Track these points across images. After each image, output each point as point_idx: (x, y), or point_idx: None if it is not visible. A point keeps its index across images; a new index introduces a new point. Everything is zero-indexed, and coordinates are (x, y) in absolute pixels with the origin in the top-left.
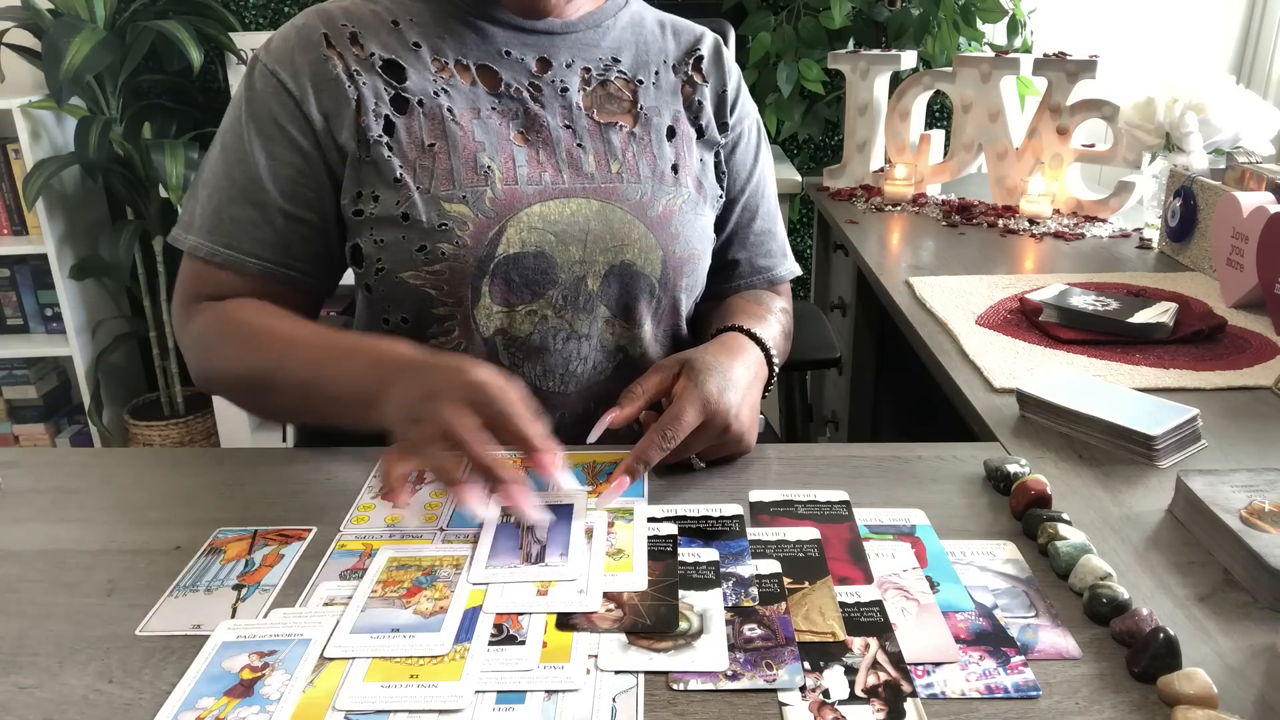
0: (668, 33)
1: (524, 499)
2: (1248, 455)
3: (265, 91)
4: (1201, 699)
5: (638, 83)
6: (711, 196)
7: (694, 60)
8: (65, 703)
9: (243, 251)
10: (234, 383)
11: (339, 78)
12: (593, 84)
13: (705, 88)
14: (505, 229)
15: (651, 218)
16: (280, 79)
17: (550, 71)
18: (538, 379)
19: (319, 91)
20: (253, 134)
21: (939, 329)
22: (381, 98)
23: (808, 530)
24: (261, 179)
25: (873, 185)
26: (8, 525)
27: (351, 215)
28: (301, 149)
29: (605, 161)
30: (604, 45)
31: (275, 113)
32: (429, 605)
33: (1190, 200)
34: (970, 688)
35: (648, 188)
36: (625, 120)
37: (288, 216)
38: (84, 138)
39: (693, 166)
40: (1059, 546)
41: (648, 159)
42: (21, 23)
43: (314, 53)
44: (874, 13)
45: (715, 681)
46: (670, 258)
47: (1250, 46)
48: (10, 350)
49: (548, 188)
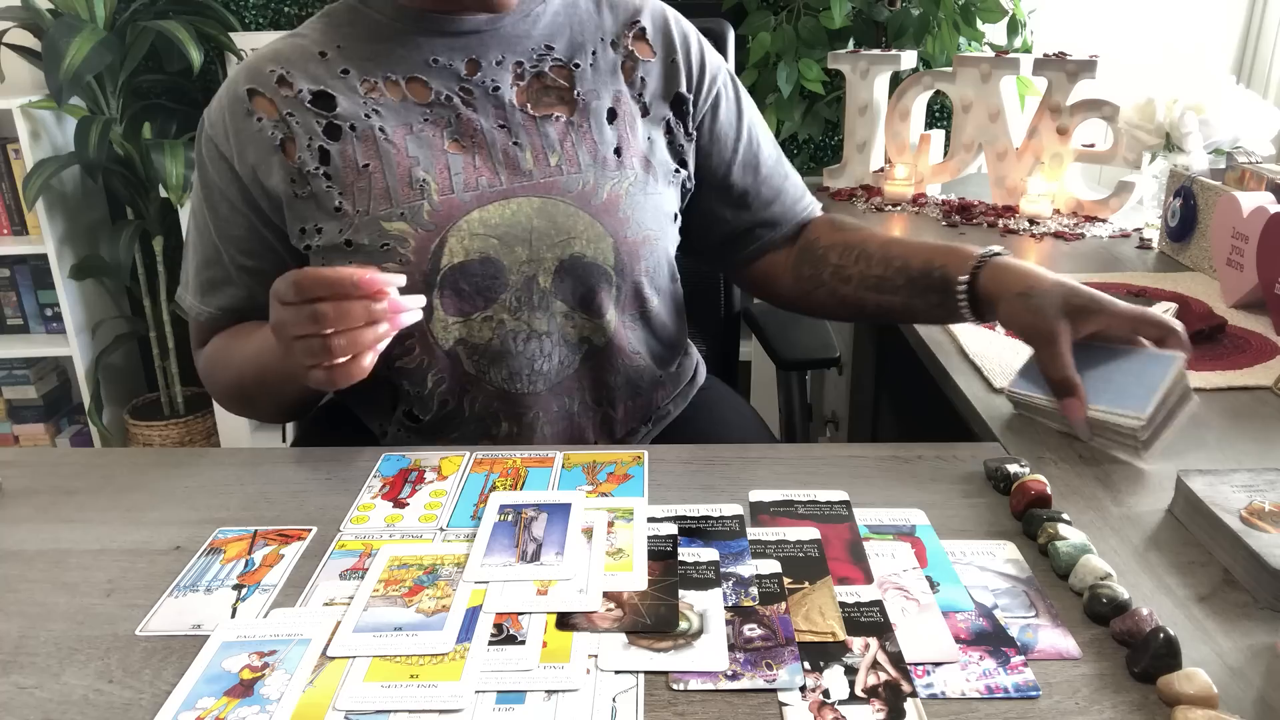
0: (604, 9)
1: (396, 301)
2: (1248, 455)
3: (207, 158)
4: (1201, 699)
5: (574, 67)
6: (663, 173)
7: (635, 33)
8: (65, 703)
9: (219, 308)
10: (231, 400)
11: (263, 127)
12: (526, 77)
13: (651, 62)
14: (447, 240)
15: (596, 206)
16: (215, 144)
17: (480, 72)
18: (505, 382)
19: (243, 147)
20: (203, 201)
21: (939, 329)
22: (314, 131)
23: (808, 530)
24: (216, 241)
25: (873, 185)
26: (8, 525)
27: (302, 250)
28: (239, 209)
29: (543, 156)
30: (535, 35)
31: (215, 178)
32: (431, 604)
33: (1190, 200)
34: (970, 688)
35: (589, 176)
36: (561, 110)
37: (245, 270)
38: (84, 138)
39: (638, 146)
40: (1059, 546)
41: (587, 146)
42: (21, 23)
43: (238, 109)
44: (874, 13)
45: (715, 681)
46: (622, 243)
47: (1250, 46)
48: (10, 350)
49: (485, 192)
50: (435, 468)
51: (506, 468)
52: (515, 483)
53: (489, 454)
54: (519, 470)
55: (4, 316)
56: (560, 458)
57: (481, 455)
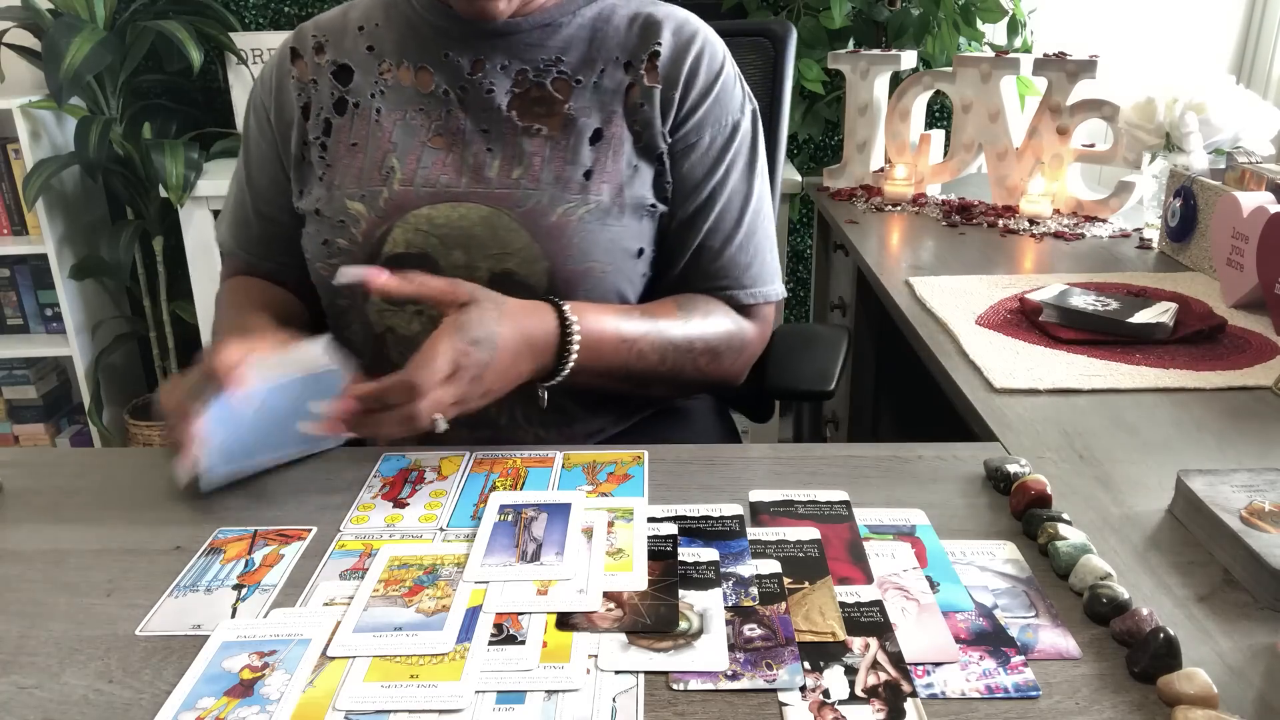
0: (635, 28)
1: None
2: (1248, 455)
3: (252, 106)
4: (1201, 699)
5: (575, 83)
6: (635, 207)
7: (649, 55)
8: (65, 703)
9: (235, 246)
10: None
11: (293, 89)
12: (526, 85)
13: (655, 89)
14: (393, 229)
15: (543, 227)
16: (260, 95)
17: (481, 73)
18: None
19: (280, 104)
20: (243, 144)
21: (939, 329)
22: (325, 102)
23: (808, 530)
24: (244, 185)
25: (873, 185)
26: (8, 525)
27: (299, 211)
28: (267, 158)
29: (509, 166)
30: (550, 45)
31: (253, 126)
32: (431, 604)
33: (1190, 200)
34: (970, 688)
35: (544, 196)
36: (548, 124)
37: (262, 216)
38: (84, 138)
39: (615, 173)
40: (1059, 546)
41: (557, 165)
42: (21, 23)
43: (283, 66)
44: (874, 13)
45: (715, 681)
46: (559, 270)
47: (1250, 46)
48: (10, 350)
49: (441, 191)
50: (435, 468)
51: (506, 468)
52: (515, 483)
53: (489, 454)
54: (519, 470)
55: (4, 316)
56: (560, 458)
57: (481, 455)
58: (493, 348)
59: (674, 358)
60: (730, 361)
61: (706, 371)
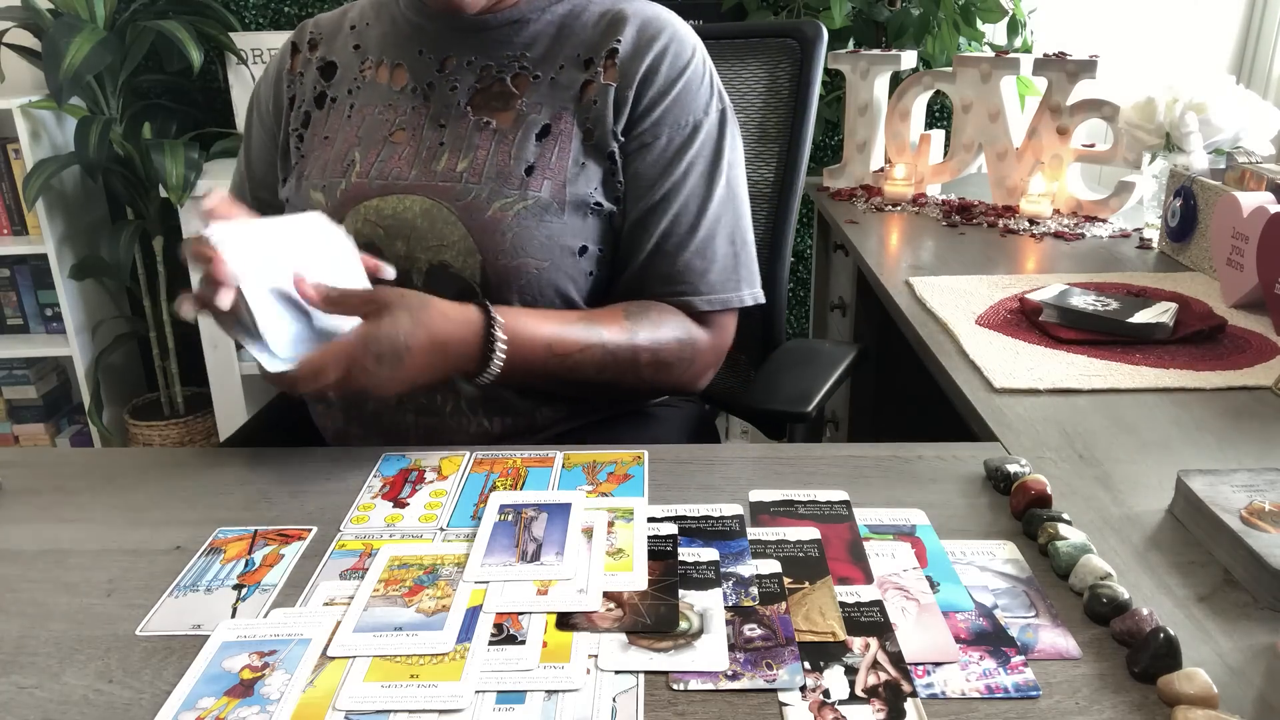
0: (603, 24)
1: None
2: (1248, 455)
3: (254, 95)
4: (1201, 699)
5: (534, 78)
6: (577, 205)
7: (608, 52)
8: (65, 703)
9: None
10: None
11: (285, 82)
12: (489, 81)
13: (610, 88)
14: (344, 220)
15: (480, 221)
16: (265, 83)
17: (449, 70)
18: None
19: (275, 95)
20: (245, 133)
21: (939, 329)
22: (308, 96)
23: (808, 530)
24: (243, 166)
25: (873, 185)
26: (8, 525)
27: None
28: (264, 144)
29: (456, 160)
30: (518, 40)
31: (255, 114)
32: (431, 604)
33: (1190, 200)
34: (970, 688)
35: (484, 190)
36: (500, 118)
37: (259, 201)
38: (84, 138)
39: (559, 170)
40: (1059, 546)
41: (500, 160)
42: (21, 23)
43: (283, 59)
44: (874, 13)
45: (715, 681)
46: (491, 264)
47: (1250, 46)
48: (10, 350)
49: (391, 183)
50: (435, 468)
51: (506, 467)
52: (515, 482)
53: (489, 454)
54: (519, 470)
55: (4, 316)
56: (560, 458)
57: (481, 455)
58: (398, 360)
59: (613, 369)
60: (681, 371)
61: (655, 381)
